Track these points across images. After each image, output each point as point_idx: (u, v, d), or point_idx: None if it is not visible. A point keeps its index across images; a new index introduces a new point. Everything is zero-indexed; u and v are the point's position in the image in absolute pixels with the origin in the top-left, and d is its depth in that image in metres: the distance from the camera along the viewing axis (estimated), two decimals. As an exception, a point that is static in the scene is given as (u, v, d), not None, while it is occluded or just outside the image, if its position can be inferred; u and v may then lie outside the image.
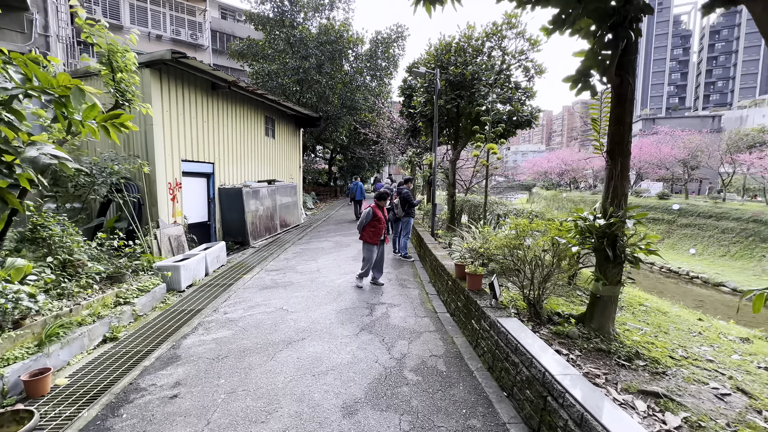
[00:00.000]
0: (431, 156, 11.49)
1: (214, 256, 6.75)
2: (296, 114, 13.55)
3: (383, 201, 5.60)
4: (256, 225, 9.57)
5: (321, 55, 16.94)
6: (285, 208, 11.66)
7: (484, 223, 6.43)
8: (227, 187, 9.13)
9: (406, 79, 14.04)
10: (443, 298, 5.04)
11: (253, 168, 10.88)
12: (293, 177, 14.28)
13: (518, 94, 8.91)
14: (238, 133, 9.99)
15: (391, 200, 8.01)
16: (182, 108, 7.70)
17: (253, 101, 10.72)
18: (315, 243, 9.53)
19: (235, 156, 9.90)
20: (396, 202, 7.28)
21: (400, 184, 7.66)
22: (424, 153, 15.01)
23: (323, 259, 7.67)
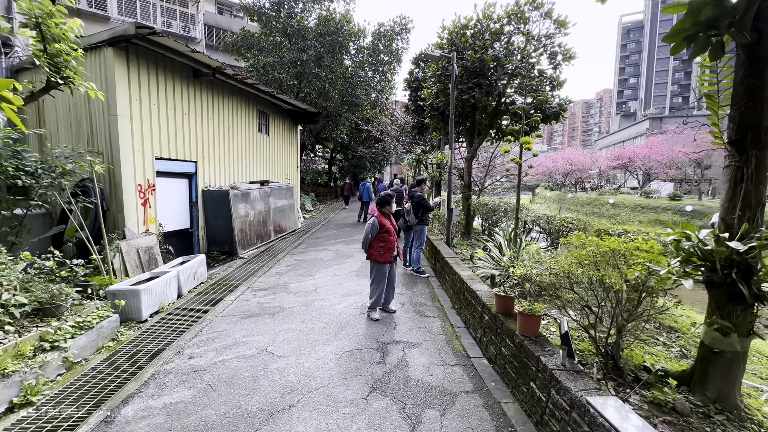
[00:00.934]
0: (442, 154, 10.39)
1: (190, 273, 5.62)
2: (293, 109, 12.42)
3: (387, 206, 4.56)
4: (246, 232, 8.45)
5: (320, 47, 15.82)
6: (280, 212, 10.54)
7: (516, 234, 5.31)
8: (212, 190, 8.00)
9: (412, 71, 12.93)
10: (475, 335, 3.91)
11: (243, 167, 9.76)
12: (290, 178, 13.15)
13: (543, 84, 7.79)
14: (226, 128, 8.87)
15: (401, 205, 6.90)
16: (156, 97, 6.58)
17: (243, 93, 9.59)
18: (312, 253, 8.40)
19: (223, 154, 8.77)
20: (407, 207, 6.16)
21: (411, 186, 6.53)
22: (432, 151, 13.89)
23: (321, 274, 6.55)
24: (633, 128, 50.42)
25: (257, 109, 10.45)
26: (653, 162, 32.75)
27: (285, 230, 10.87)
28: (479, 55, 7.49)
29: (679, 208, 28.73)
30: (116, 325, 4.03)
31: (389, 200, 4.55)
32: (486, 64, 7.45)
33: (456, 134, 10.18)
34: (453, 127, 7.07)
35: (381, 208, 4.52)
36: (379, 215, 4.45)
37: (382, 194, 4.54)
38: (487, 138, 9.24)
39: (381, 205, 4.53)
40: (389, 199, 4.55)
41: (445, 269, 5.52)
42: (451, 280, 5.10)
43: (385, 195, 4.51)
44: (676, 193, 30.62)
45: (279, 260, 7.72)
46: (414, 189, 6.26)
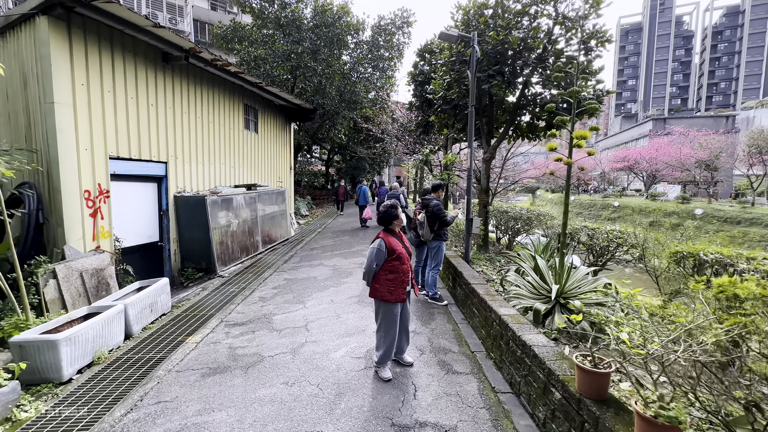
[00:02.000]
0: (452, 154, 9.22)
1: (144, 305, 4.39)
2: (286, 104, 11.22)
3: (395, 221, 3.27)
4: (227, 245, 7.22)
5: (316, 39, 14.64)
6: (269, 220, 9.32)
7: (563, 256, 4.12)
8: (187, 196, 6.77)
9: (417, 64, 11.78)
10: (533, 411, 2.72)
11: (227, 169, 8.53)
12: (282, 181, 11.93)
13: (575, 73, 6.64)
14: (206, 124, 7.64)
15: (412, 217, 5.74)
16: (112, 83, 5.36)
17: (227, 84, 8.38)
18: (305, 269, 7.18)
19: (201, 154, 7.54)
20: (421, 218, 4.97)
21: (424, 192, 5.34)
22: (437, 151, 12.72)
23: (315, 300, 5.33)
24: (635, 129, 49.71)
25: (244, 103, 9.23)
26: (660, 164, 31.83)
27: (276, 240, 9.65)
28: (502, 36, 6.33)
29: (689, 212, 27.81)
30: (15, 396, 2.79)
31: (395, 213, 3.25)
32: (511, 46, 6.29)
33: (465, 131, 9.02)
34: (473, 120, 5.89)
35: (387, 225, 3.29)
36: (385, 235, 3.23)
37: (384, 208, 3.32)
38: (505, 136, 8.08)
39: (385, 221, 3.27)
40: (394, 212, 3.25)
41: (472, 299, 4.32)
42: (482, 317, 3.91)
43: (388, 209, 3.26)
44: (684, 196, 29.72)
45: (265, 279, 6.50)
46: (429, 196, 5.07)
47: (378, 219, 3.27)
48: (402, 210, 10.89)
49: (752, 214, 25.07)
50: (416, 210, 5.32)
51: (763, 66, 70.98)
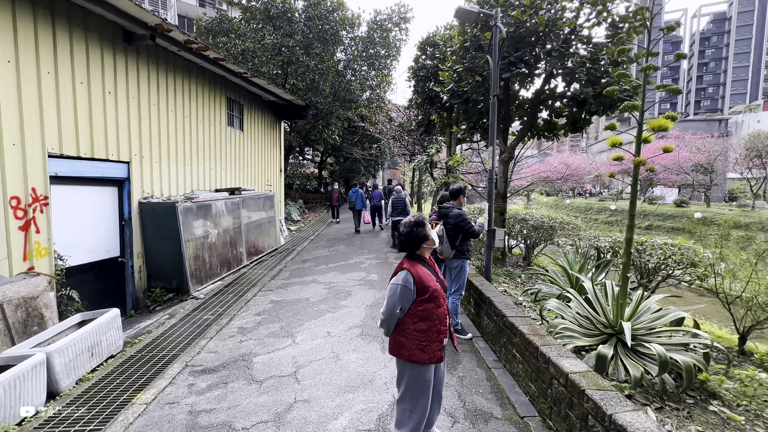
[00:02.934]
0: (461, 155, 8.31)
1: (82, 348, 3.33)
2: (276, 100, 10.20)
3: (425, 243, 2.24)
4: (204, 259, 6.15)
5: (309, 33, 13.66)
6: (256, 229, 8.26)
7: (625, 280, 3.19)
8: (154, 202, 5.70)
9: (418, 58, 10.89)
10: None
11: (205, 171, 7.47)
12: (271, 184, 10.88)
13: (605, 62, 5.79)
14: (179, 118, 6.60)
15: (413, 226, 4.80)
16: (54, 63, 4.30)
17: (207, 74, 7.34)
18: (296, 288, 6.15)
19: (174, 153, 6.48)
20: (439, 231, 4.01)
21: (441, 200, 4.38)
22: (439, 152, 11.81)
23: (307, 332, 4.32)
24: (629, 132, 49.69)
25: (227, 96, 8.19)
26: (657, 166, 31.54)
27: (263, 251, 8.59)
28: (526, 17, 5.44)
29: (687, 215, 27.47)
30: None
31: (423, 233, 2.19)
32: (535, 29, 5.41)
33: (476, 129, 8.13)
34: (495, 113, 4.95)
35: (413, 250, 2.24)
36: (411, 264, 2.19)
37: (407, 226, 2.23)
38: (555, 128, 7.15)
39: (411, 244, 2.21)
40: (422, 231, 2.19)
41: (510, 336, 3.37)
42: (530, 365, 2.96)
43: (413, 227, 2.19)
44: (682, 199, 29.43)
45: (248, 302, 5.46)
46: (448, 204, 4.10)
47: (400, 243, 2.27)
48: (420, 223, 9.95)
49: (752, 218, 24.75)
50: (432, 221, 4.36)
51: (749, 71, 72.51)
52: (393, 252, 8.91)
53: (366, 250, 9.18)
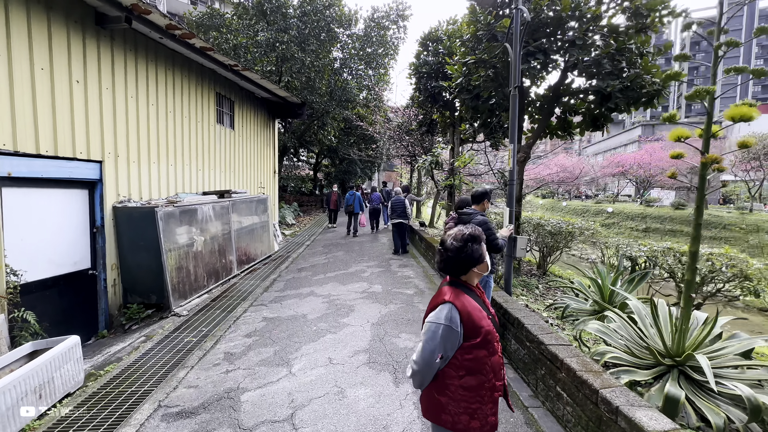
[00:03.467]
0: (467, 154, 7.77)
1: (27, 389, 2.68)
2: (269, 97, 9.59)
3: (477, 266, 1.62)
4: (188, 270, 5.51)
5: (304, 28, 13.08)
6: (247, 234, 7.62)
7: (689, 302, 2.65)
8: (131, 206, 5.05)
9: (419, 54, 10.37)
10: None
11: (192, 172, 6.82)
12: (264, 186, 10.24)
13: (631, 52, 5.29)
14: (162, 113, 5.96)
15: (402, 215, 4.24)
16: (7, 45, 3.66)
17: (194, 66, 6.71)
18: (291, 302, 5.53)
19: (155, 151, 5.84)
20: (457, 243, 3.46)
21: (460, 205, 3.80)
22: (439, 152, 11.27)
23: (305, 359, 3.71)
24: (624, 135, 50.08)
25: (216, 91, 7.56)
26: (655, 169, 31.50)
27: (255, 258, 7.95)
28: (546, 2, 4.93)
29: (685, 218, 27.37)
30: None
31: (478, 253, 1.61)
32: (561, 14, 4.90)
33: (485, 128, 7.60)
34: (517, 106, 4.41)
35: (461, 273, 1.64)
36: (456, 294, 1.58)
37: (457, 239, 1.61)
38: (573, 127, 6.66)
39: (461, 265, 1.61)
40: (477, 250, 1.61)
41: (554, 371, 2.80)
42: (584, 411, 2.39)
43: (466, 241, 1.60)
44: (680, 202, 29.34)
45: (237, 319, 4.83)
46: (470, 210, 3.53)
47: (443, 262, 1.68)
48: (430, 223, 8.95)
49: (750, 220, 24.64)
50: (448, 229, 3.80)
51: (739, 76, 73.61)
52: (396, 259, 8.33)
53: (366, 257, 8.59)
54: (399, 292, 5.82)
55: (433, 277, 6.74)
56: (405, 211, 9.08)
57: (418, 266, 7.68)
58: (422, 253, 8.79)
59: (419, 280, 6.52)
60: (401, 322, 4.53)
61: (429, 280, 6.53)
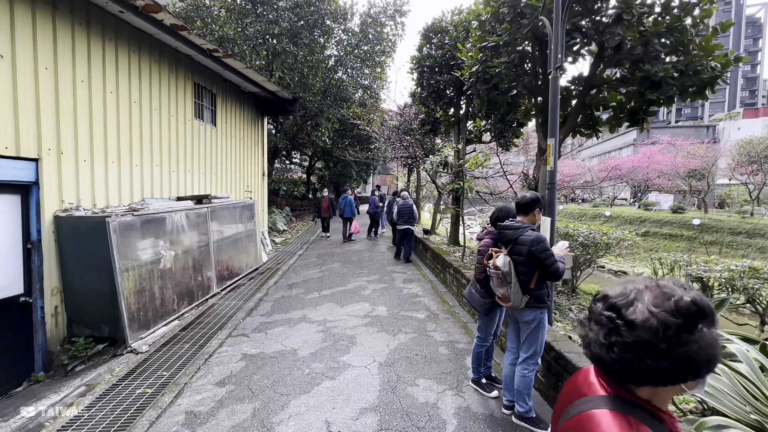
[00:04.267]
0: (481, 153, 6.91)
1: None
2: (258, 92, 8.66)
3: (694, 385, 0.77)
4: (152, 293, 4.51)
5: (297, 20, 12.19)
6: (230, 246, 6.64)
7: None
8: (77, 216, 4.06)
9: (422, 46, 9.55)
10: None
11: (163, 174, 5.83)
12: (251, 190, 9.26)
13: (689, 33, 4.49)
14: (124, 103, 4.98)
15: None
16: None
17: (166, 51, 5.76)
18: (279, 330, 4.57)
19: (115, 148, 4.85)
20: (502, 265, 2.54)
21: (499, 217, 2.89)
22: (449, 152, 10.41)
23: (293, 424, 2.77)
24: (618, 139, 50.13)
25: (194, 81, 6.60)
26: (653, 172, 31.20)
27: (239, 273, 6.96)
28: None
29: (685, 222, 26.97)
30: None
31: (714, 350, 0.73)
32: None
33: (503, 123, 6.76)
34: (558, 93, 3.56)
35: (656, 381, 0.75)
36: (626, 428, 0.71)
37: (686, 300, 0.71)
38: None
39: (665, 372, 0.72)
40: (709, 340, 0.72)
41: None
42: None
43: (698, 307, 0.72)
44: (679, 206, 28.97)
45: (209, 357, 3.85)
46: (515, 223, 2.60)
47: (609, 349, 0.75)
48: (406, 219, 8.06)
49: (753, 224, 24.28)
50: (483, 246, 2.90)
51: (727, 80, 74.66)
52: (399, 271, 7.42)
53: (366, 269, 7.67)
54: (408, 316, 4.90)
55: (444, 295, 5.84)
56: (412, 216, 8.31)
57: (424, 280, 6.78)
58: (428, 265, 7.90)
59: (429, 300, 5.61)
60: (416, 362, 3.61)
61: (440, 300, 5.63)
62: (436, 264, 7.12)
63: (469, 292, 3.04)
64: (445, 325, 4.59)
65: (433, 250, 7.45)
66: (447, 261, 6.29)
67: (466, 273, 5.24)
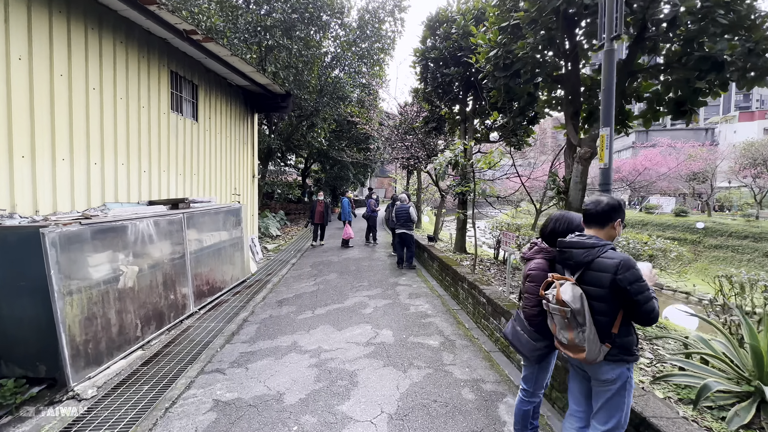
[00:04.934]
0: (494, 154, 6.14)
1: None
2: (247, 85, 7.87)
3: None
4: (107, 320, 3.67)
5: (291, 12, 11.44)
6: (212, 257, 5.82)
7: None
8: (5, 226, 3.23)
9: (425, 38, 8.82)
10: None
11: (131, 174, 5.00)
12: (239, 193, 8.43)
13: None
14: (78, 89, 4.17)
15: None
16: None
17: (136, 31, 4.96)
18: (262, 364, 3.75)
19: (65, 142, 4.03)
20: (570, 300, 1.79)
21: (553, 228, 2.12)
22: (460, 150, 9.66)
23: None
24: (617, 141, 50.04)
25: (171, 70, 5.80)
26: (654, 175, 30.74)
27: (223, 287, 6.13)
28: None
29: (689, 225, 26.45)
30: None
31: None
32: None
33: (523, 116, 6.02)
34: (614, 70, 2.82)
35: None
36: None
37: None
38: None
39: None
40: None
41: None
42: None
43: None
44: (681, 209, 28.50)
45: (170, 407, 3.02)
46: (587, 239, 1.83)
47: None
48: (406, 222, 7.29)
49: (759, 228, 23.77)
50: (535, 271, 2.12)
51: (722, 84, 75.12)
52: (403, 284, 6.63)
53: (366, 281, 6.87)
54: (418, 343, 4.11)
55: (457, 314, 5.06)
56: (410, 219, 7.63)
57: (432, 295, 6.00)
58: (435, 276, 7.11)
59: (441, 320, 4.82)
60: (436, 413, 2.81)
61: (454, 320, 4.84)
62: (445, 276, 6.34)
63: (512, 331, 2.26)
64: (465, 355, 3.80)
65: (440, 260, 6.68)
66: (459, 273, 5.51)
67: (486, 290, 4.47)
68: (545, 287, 1.97)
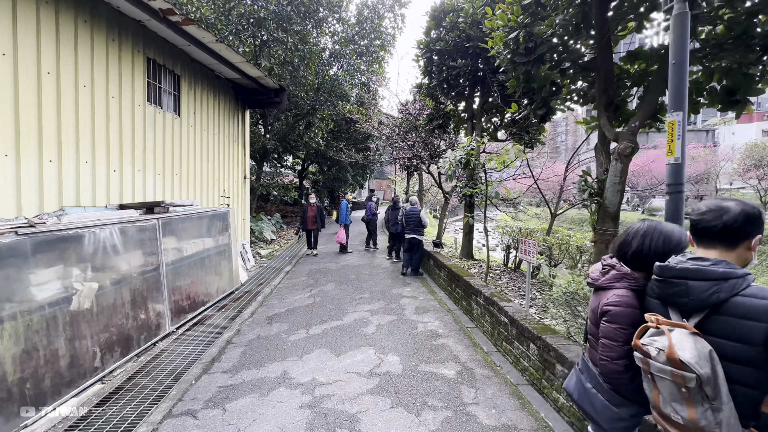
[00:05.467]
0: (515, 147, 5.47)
1: None
2: (237, 78, 7.23)
3: None
4: (52, 353, 3.00)
5: (286, 5, 10.83)
6: (194, 267, 5.15)
7: None
8: None
9: (429, 30, 8.23)
10: None
11: (98, 174, 4.33)
12: (229, 195, 7.77)
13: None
14: (27, 73, 3.51)
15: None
16: None
17: (102, 9, 4.32)
18: (243, 402, 3.09)
19: (9, 135, 3.37)
20: (692, 355, 1.18)
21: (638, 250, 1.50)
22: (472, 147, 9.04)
23: None
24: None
25: (147, 56, 5.15)
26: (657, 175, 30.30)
27: (207, 300, 5.47)
28: None
29: (692, 228, 25.94)
30: None
31: None
32: None
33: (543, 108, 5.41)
34: (685, 33, 2.23)
35: None
36: None
37: None
38: None
39: None
40: None
41: None
42: None
43: None
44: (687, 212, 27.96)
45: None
46: (720, 268, 1.24)
47: None
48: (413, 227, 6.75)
49: (766, 230, 23.32)
50: (616, 306, 1.50)
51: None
52: (408, 295, 5.99)
53: (367, 292, 6.23)
54: (431, 373, 3.46)
55: (471, 334, 4.42)
56: (420, 224, 7.07)
57: (441, 309, 5.36)
58: (442, 286, 6.48)
59: (455, 341, 4.18)
60: (463, 482, 2.16)
61: (470, 341, 4.20)
62: (455, 287, 5.71)
63: (579, 388, 1.63)
64: (489, 390, 3.16)
65: (449, 269, 6.04)
66: (472, 286, 4.88)
67: (507, 308, 3.84)
68: (640, 334, 1.34)
